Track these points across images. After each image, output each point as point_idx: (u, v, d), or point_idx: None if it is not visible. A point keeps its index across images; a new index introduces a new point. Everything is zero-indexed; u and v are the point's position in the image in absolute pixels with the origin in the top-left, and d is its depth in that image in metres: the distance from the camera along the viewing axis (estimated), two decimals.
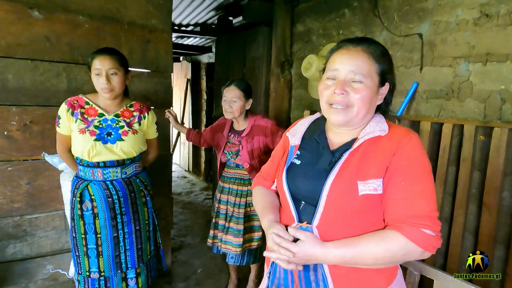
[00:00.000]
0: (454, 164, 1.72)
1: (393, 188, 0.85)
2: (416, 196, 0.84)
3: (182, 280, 2.57)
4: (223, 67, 3.95)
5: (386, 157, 0.86)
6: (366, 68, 0.88)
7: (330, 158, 0.93)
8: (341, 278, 0.89)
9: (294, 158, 1.00)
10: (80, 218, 1.68)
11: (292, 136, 1.04)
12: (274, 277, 1.01)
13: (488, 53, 1.62)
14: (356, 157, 0.88)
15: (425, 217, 0.83)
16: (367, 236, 0.85)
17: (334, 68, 0.91)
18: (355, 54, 0.89)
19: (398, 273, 0.99)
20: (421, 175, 0.86)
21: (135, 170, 1.80)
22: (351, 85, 0.89)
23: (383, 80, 0.93)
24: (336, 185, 0.86)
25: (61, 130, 1.68)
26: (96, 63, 1.60)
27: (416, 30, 1.94)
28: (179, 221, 3.77)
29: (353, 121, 0.92)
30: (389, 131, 0.91)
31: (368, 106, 0.90)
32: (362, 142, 0.90)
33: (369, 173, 0.86)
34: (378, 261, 0.84)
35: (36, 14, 1.89)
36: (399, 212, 0.85)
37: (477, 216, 1.62)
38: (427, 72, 1.90)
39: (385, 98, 0.97)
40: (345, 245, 0.84)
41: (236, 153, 2.16)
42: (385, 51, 0.94)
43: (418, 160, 0.86)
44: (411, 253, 0.83)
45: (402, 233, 0.82)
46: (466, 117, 1.72)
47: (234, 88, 2.07)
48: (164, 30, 2.33)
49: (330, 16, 2.57)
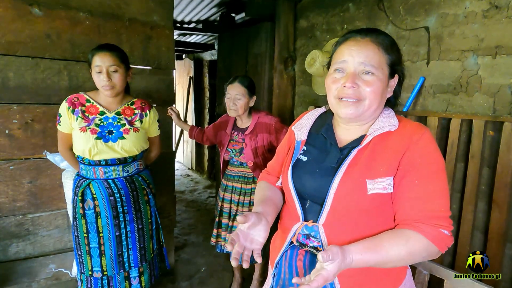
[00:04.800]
0: (462, 160, 1.68)
1: (406, 187, 0.82)
2: (432, 195, 0.81)
3: (185, 279, 2.56)
4: (225, 64, 3.92)
5: (397, 154, 0.83)
6: (377, 59, 0.84)
7: (338, 156, 0.89)
8: (348, 280, 0.86)
9: (301, 154, 0.96)
10: (82, 217, 1.66)
11: (298, 131, 1.00)
12: (279, 278, 0.98)
13: (497, 46, 1.57)
14: (365, 155, 0.85)
15: (442, 218, 0.80)
16: (390, 239, 0.80)
17: (343, 60, 0.86)
18: (364, 45, 0.85)
19: (407, 273, 0.96)
20: (435, 173, 0.82)
21: (137, 168, 1.78)
22: (361, 77, 0.84)
23: (393, 72, 0.89)
24: (344, 183, 0.83)
25: (62, 128, 1.66)
26: (96, 60, 1.58)
27: (423, 23, 1.90)
28: (182, 220, 3.75)
29: (364, 115, 0.87)
30: (400, 126, 0.87)
31: (379, 99, 0.86)
32: (372, 139, 0.86)
33: (379, 171, 0.82)
34: (400, 263, 0.81)
35: (36, 11, 1.87)
36: (414, 211, 0.81)
37: (486, 213, 1.58)
38: (434, 67, 1.86)
39: (394, 91, 0.92)
40: (368, 250, 0.78)
41: (240, 151, 2.13)
42: (394, 41, 0.90)
43: (431, 157, 0.83)
44: (430, 254, 0.80)
45: (423, 234, 0.79)
46: (474, 112, 1.68)
47: (238, 85, 2.04)
48: (166, 27, 2.30)
49: (333, 11, 2.53)
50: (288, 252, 0.95)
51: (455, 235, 1.70)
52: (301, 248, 0.93)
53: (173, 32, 2.35)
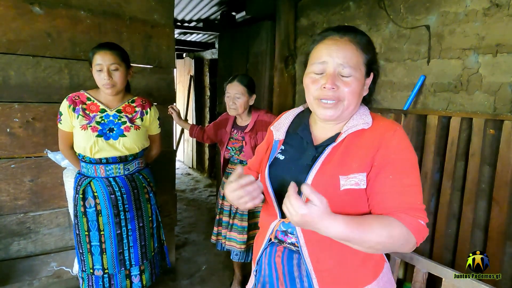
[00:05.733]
0: (462, 158, 1.68)
1: (382, 183, 0.83)
2: (407, 189, 0.83)
3: (186, 277, 2.56)
4: (226, 63, 3.92)
5: (370, 151, 0.84)
6: (355, 60, 0.85)
7: (314, 153, 0.91)
8: (325, 273, 0.88)
9: (278, 153, 0.98)
10: (83, 215, 1.67)
11: (276, 131, 1.02)
12: (260, 275, 1.01)
13: (498, 44, 1.57)
14: (339, 152, 0.86)
15: (419, 209, 0.82)
16: (373, 219, 0.81)
17: (322, 60, 0.86)
18: (342, 45, 0.85)
19: (385, 266, 0.97)
20: (409, 168, 0.84)
21: (138, 167, 1.78)
22: (340, 78, 0.85)
23: (369, 70, 0.90)
24: (318, 180, 0.84)
25: (63, 126, 1.66)
26: (97, 58, 1.58)
27: (423, 22, 1.90)
28: (183, 218, 3.76)
29: (342, 115, 0.89)
30: (373, 123, 0.89)
31: (357, 98, 0.88)
32: (346, 136, 0.88)
33: (352, 167, 0.84)
34: (378, 245, 0.80)
35: (36, 10, 1.87)
36: (392, 204, 0.82)
37: (486, 212, 1.58)
38: (435, 65, 1.86)
39: (369, 88, 0.94)
40: (354, 223, 0.77)
41: (240, 149, 2.13)
42: (370, 40, 0.91)
43: (405, 154, 0.84)
44: (408, 243, 0.81)
45: (403, 223, 0.80)
46: (475, 110, 1.68)
47: (237, 84, 2.04)
48: (166, 25, 2.30)
49: (334, 9, 2.53)
50: (268, 249, 0.97)
51: (455, 234, 1.70)
52: (280, 245, 0.95)
53: (173, 30, 2.35)
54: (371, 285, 0.90)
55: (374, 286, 0.90)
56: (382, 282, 0.93)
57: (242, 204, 0.85)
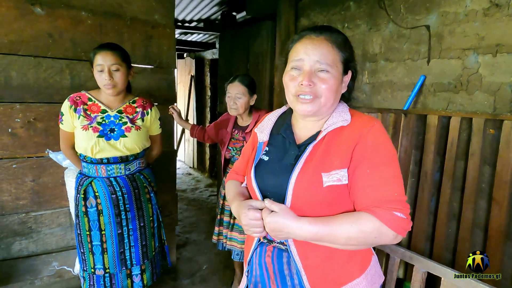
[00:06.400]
0: (462, 158, 1.68)
1: (359, 177, 0.85)
2: (383, 182, 0.84)
3: (187, 276, 2.57)
4: (226, 63, 3.93)
5: (349, 147, 0.86)
6: (331, 57, 0.88)
7: (296, 153, 0.92)
8: (314, 270, 0.90)
9: (263, 154, 0.99)
10: (84, 215, 1.68)
11: (260, 133, 1.04)
12: (251, 275, 1.02)
13: (498, 44, 1.58)
14: (320, 150, 0.88)
15: (394, 201, 0.83)
16: (342, 216, 0.84)
17: (299, 58, 0.89)
18: (318, 44, 0.88)
19: (373, 259, 0.99)
20: (385, 161, 0.85)
21: (139, 167, 1.79)
22: (317, 75, 0.88)
23: (346, 68, 0.92)
24: (301, 178, 0.86)
25: (64, 127, 1.67)
26: (98, 59, 1.59)
27: (423, 22, 1.90)
28: (184, 218, 3.77)
29: (320, 111, 0.91)
30: (352, 120, 0.91)
31: (334, 95, 0.90)
32: (326, 134, 0.90)
33: (333, 164, 0.86)
34: (351, 241, 0.83)
35: (38, 10, 1.88)
36: (369, 198, 0.84)
37: (486, 211, 1.59)
38: (435, 65, 1.86)
39: (348, 86, 0.96)
40: (319, 222, 0.83)
41: (241, 149, 2.14)
42: (346, 39, 0.93)
43: (381, 147, 0.86)
44: (383, 236, 0.82)
45: (375, 216, 0.81)
46: (475, 110, 1.68)
47: (238, 84, 2.04)
48: (167, 25, 2.31)
49: (334, 9, 2.53)
50: (258, 249, 0.99)
51: (455, 233, 1.70)
52: (269, 245, 0.97)
53: (174, 31, 2.36)
54: (359, 278, 0.92)
55: (362, 279, 0.92)
56: (370, 275, 0.95)
57: (253, 233, 0.89)
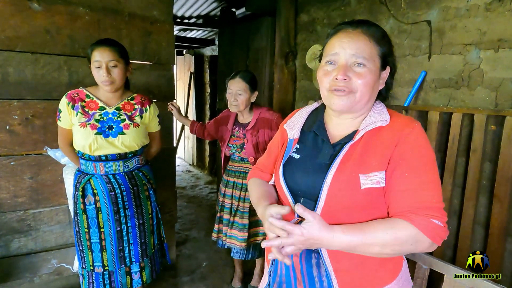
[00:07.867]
0: (463, 155, 1.67)
1: (397, 180, 0.82)
2: (422, 187, 0.81)
3: (187, 274, 2.57)
4: (226, 60, 3.90)
5: (388, 148, 0.83)
6: (368, 51, 0.84)
7: (331, 152, 0.89)
8: (344, 274, 0.87)
9: (293, 152, 0.96)
10: (83, 212, 1.67)
11: (291, 129, 1.00)
12: (275, 274, 0.98)
13: (500, 39, 1.56)
14: (358, 150, 0.84)
15: (433, 208, 0.80)
16: (376, 223, 0.81)
17: (334, 52, 0.86)
18: (355, 37, 0.84)
19: (403, 265, 0.96)
20: (425, 165, 0.82)
21: (138, 164, 1.78)
22: (353, 69, 0.84)
23: (384, 64, 0.88)
24: (337, 179, 0.83)
25: (62, 123, 1.66)
26: (95, 55, 1.57)
27: (424, 17, 1.88)
28: (183, 215, 3.76)
29: (355, 107, 0.87)
30: (391, 120, 0.87)
31: (371, 91, 0.86)
32: (363, 134, 0.86)
33: (371, 165, 0.82)
34: (385, 249, 0.80)
35: (35, 6, 1.86)
36: (405, 203, 0.81)
37: (487, 208, 1.58)
38: (436, 61, 1.84)
39: (386, 83, 0.92)
40: (353, 230, 0.79)
41: (241, 146, 2.12)
42: (385, 32, 0.89)
43: (421, 150, 0.83)
44: (419, 244, 0.79)
45: (412, 223, 0.78)
46: (476, 106, 1.67)
47: (239, 80, 2.02)
48: (166, 22, 2.29)
49: (334, 5, 2.51)
50: None
51: (456, 230, 1.70)
52: None
53: (173, 27, 2.34)
54: (391, 284, 0.89)
55: (393, 285, 0.89)
56: (401, 281, 0.92)
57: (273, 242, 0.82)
